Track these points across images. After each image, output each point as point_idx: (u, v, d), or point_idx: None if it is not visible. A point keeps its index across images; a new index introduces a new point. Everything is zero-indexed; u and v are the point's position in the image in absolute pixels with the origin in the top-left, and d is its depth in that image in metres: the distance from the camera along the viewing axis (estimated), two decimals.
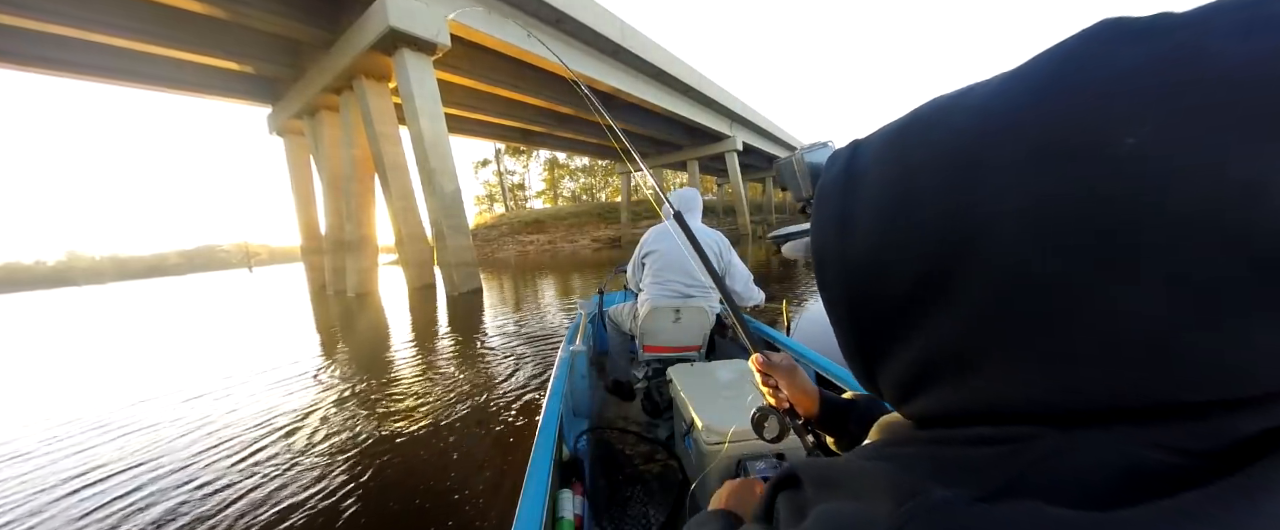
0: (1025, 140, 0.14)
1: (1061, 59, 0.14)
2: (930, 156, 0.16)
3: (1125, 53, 0.13)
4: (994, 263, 0.14)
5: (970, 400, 0.17)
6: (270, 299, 12.34)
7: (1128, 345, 0.13)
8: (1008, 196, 0.14)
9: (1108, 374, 0.13)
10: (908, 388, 0.19)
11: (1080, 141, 0.13)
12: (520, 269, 14.17)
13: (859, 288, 0.19)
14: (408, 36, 7.97)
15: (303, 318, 7.52)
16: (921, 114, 0.18)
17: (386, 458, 2.04)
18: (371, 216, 10.88)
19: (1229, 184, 0.11)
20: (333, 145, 11.12)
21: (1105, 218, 0.12)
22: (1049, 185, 0.13)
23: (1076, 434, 0.14)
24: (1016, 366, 0.15)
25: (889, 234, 0.18)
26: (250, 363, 4.32)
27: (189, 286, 30.55)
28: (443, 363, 3.69)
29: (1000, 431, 0.16)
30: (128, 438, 2.62)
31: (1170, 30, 0.13)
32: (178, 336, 6.78)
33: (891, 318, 0.18)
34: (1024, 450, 0.15)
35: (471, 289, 8.60)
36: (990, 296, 0.15)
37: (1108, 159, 0.12)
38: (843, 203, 0.20)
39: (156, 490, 1.93)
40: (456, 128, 15.52)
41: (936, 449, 0.18)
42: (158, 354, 5.41)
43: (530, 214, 32.07)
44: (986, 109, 0.15)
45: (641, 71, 13.83)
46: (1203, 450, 0.13)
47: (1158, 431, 0.14)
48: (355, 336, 5.27)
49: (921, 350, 0.17)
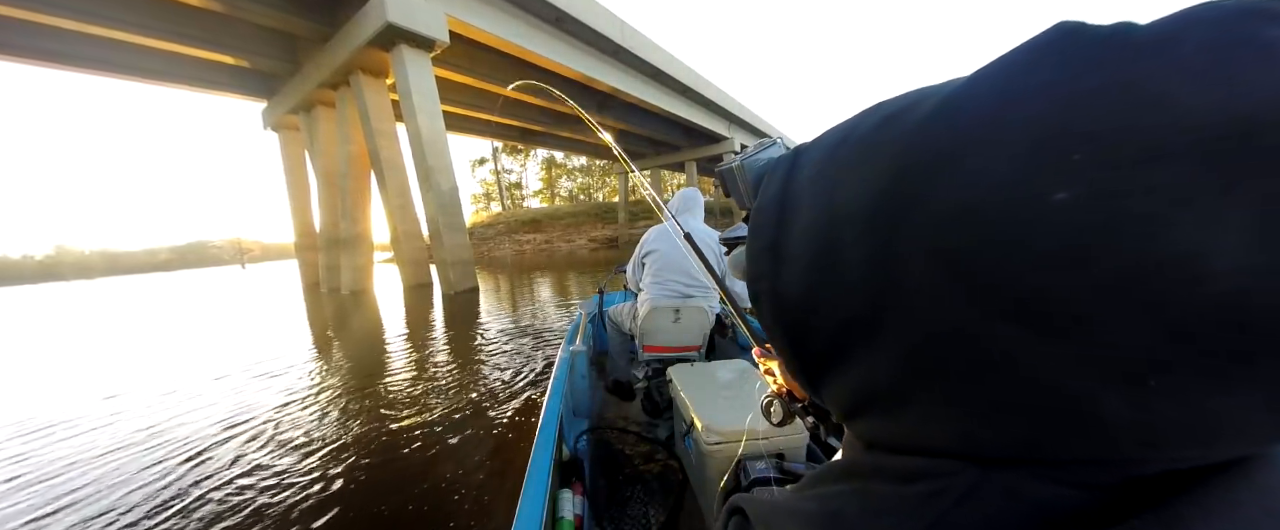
0: (949, 194, 0.13)
1: (1000, 88, 0.13)
2: (857, 200, 0.16)
3: (1065, 85, 0.12)
4: (914, 314, 0.14)
5: (901, 434, 0.17)
6: (262, 296, 12.20)
7: (1041, 404, 0.13)
8: (930, 252, 0.13)
9: (1022, 428, 0.13)
10: (849, 412, 0.19)
11: (1003, 201, 0.12)
12: (517, 268, 14.10)
13: (794, 322, 0.19)
14: (406, 33, 7.92)
15: (295, 315, 7.46)
16: (853, 135, 0.17)
17: (381, 459, 2.02)
18: (367, 213, 10.81)
19: (1160, 263, 0.10)
20: (329, 141, 11.04)
21: (1025, 285, 0.12)
22: (971, 245, 0.12)
23: (993, 473, 0.15)
24: (938, 411, 0.15)
25: (817, 275, 0.17)
26: (238, 359, 4.27)
27: (180, 282, 30.21)
28: (440, 362, 3.67)
29: (930, 465, 0.16)
30: (64, 442, 2.54)
31: (1120, 56, 0.11)
32: (166, 331, 6.69)
33: (826, 352, 0.18)
34: (948, 490, 0.15)
35: (468, 288, 8.56)
36: (912, 346, 0.15)
37: (1032, 222, 0.11)
38: (775, 234, 0.19)
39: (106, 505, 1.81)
40: (454, 126, 15.45)
41: (870, 484, 0.18)
42: (142, 349, 5.33)
43: (527, 213, 31.99)
44: (910, 148, 0.14)
45: (641, 71, 13.84)
46: (1105, 484, 0.14)
47: (1068, 471, 0.14)
48: (349, 334, 5.23)
49: (857, 382, 0.18)
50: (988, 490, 0.14)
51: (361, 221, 10.61)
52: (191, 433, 2.52)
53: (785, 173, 0.20)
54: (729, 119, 21.03)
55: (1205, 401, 0.11)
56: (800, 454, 0.98)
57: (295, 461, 2.05)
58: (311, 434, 2.35)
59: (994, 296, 0.12)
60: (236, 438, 2.39)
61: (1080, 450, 0.13)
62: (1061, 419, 0.13)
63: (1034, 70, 0.13)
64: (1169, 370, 0.11)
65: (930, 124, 0.14)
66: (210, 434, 2.47)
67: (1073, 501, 0.14)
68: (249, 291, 14.56)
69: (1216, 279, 0.10)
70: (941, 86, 0.15)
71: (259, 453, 2.18)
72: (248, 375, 3.65)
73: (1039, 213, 0.11)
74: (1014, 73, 0.13)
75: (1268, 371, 0.10)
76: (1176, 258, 0.10)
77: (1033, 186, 0.11)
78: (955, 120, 0.13)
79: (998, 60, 0.14)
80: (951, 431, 0.15)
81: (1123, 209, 0.10)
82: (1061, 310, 0.11)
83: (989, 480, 0.15)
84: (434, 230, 8.79)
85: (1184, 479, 0.13)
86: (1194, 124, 0.10)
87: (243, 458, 2.14)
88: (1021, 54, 0.13)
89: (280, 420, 2.60)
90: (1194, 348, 0.10)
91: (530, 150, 41.67)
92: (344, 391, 3.05)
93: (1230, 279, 0.10)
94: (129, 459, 2.24)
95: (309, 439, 2.29)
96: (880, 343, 0.16)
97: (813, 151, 0.20)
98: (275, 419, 2.62)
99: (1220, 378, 0.11)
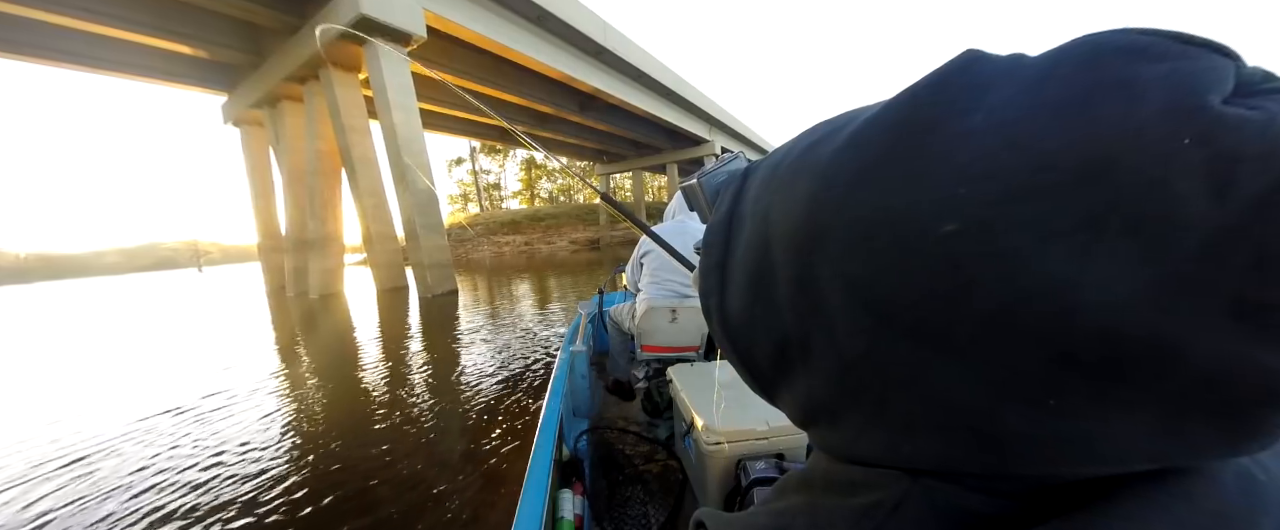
0: (852, 223, 0.14)
1: (901, 121, 0.13)
2: (783, 225, 0.16)
3: (955, 121, 0.12)
4: (834, 338, 0.15)
5: (843, 445, 0.18)
6: (220, 300, 11.54)
7: (949, 422, 0.13)
8: (840, 278, 0.14)
9: (936, 443, 0.14)
10: (800, 423, 0.20)
11: (898, 233, 0.12)
12: (497, 271, 13.87)
13: (739, 341, 0.20)
14: (381, 25, 7.65)
15: (256, 321, 7.05)
16: (789, 157, 0.18)
17: (373, 478, 1.91)
18: (338, 213, 10.38)
19: (1036, 293, 0.11)
20: (295, 137, 10.54)
21: (923, 311, 0.12)
22: (873, 273, 0.13)
23: (922, 482, 0.15)
24: (867, 426, 0.16)
25: (755, 299, 0.18)
26: (192, 373, 4.00)
27: (126, 287, 28.11)
28: (421, 369, 3.54)
29: (870, 475, 0.17)
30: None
31: (1001, 94, 0.12)
32: (95, 341, 6.20)
33: (770, 370, 0.19)
34: (883, 502, 0.16)
35: (446, 291, 8.33)
36: (836, 369, 0.15)
37: (924, 252, 0.12)
38: (722, 254, 0.20)
39: None
40: (430, 124, 15.04)
41: (818, 499, 0.18)
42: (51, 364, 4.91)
43: (506, 214, 31.42)
44: (826, 176, 0.15)
45: (623, 73, 13.86)
46: (1022, 493, 0.14)
47: (986, 481, 0.15)
48: (318, 342, 4.97)
49: (801, 397, 0.18)
50: (916, 500, 0.15)
51: (331, 222, 10.18)
52: (154, 465, 2.25)
53: (735, 192, 0.21)
54: (710, 122, 21.31)
55: (1099, 422, 0.12)
56: (800, 454, 0.98)
57: (262, 483, 1.91)
58: (287, 451, 2.22)
59: (894, 319, 0.13)
60: (193, 464, 2.17)
61: (989, 465, 0.14)
62: (969, 435, 0.13)
63: (929, 106, 0.13)
64: (1062, 392, 0.11)
65: (841, 153, 0.15)
66: (162, 464, 2.22)
67: (994, 508, 0.14)
68: (205, 296, 13.76)
69: (1088, 309, 0.10)
70: (862, 111, 0.16)
71: (220, 487, 1.99)
72: (180, 398, 3.22)
73: (927, 243, 0.12)
74: (914, 105, 0.13)
75: (1153, 393, 0.11)
76: (1049, 288, 0.10)
77: (921, 218, 0.12)
78: (860, 151, 0.14)
79: (904, 91, 0.14)
80: (881, 444, 0.16)
81: (998, 242, 0.11)
82: (959, 332, 0.12)
83: (918, 490, 0.15)
84: (410, 231, 8.51)
85: (1107, 484, 0.13)
86: (1052, 164, 0.11)
87: (200, 488, 1.96)
88: (922, 86, 0.14)
89: (250, 441, 2.42)
90: (1079, 373, 0.11)
91: (509, 150, 41.05)
92: (320, 407, 2.89)
93: (1101, 308, 0.10)
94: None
95: (278, 459, 2.16)
96: (814, 363, 0.16)
97: (760, 171, 0.20)
98: (247, 440, 2.43)
99: (1110, 400, 0.11)
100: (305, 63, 8.74)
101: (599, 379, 2.02)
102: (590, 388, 1.66)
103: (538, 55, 10.65)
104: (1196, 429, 0.11)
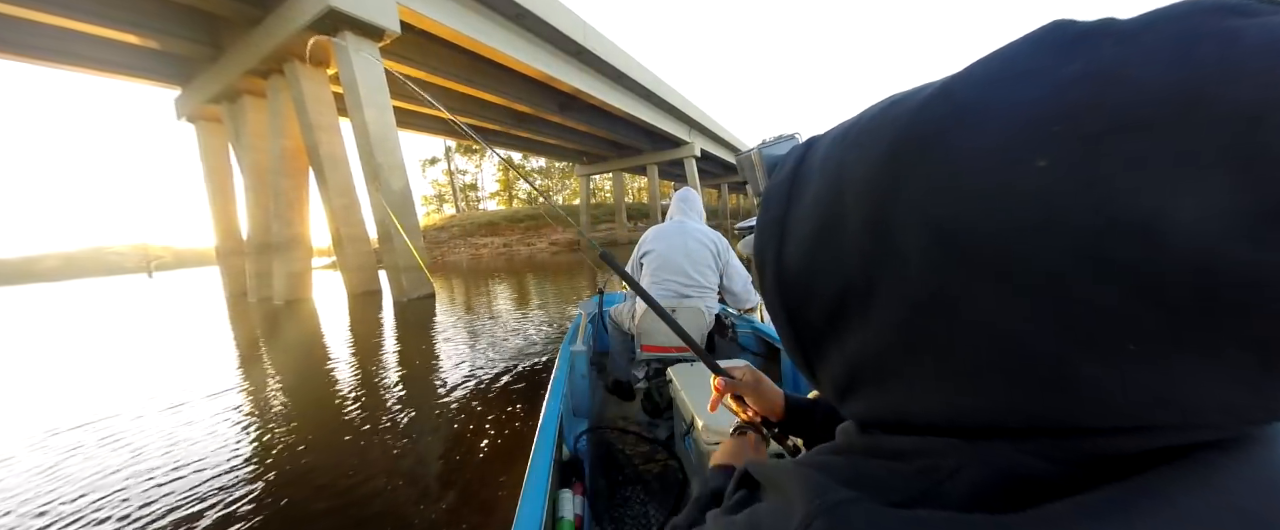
0: (941, 163, 0.14)
1: (993, 74, 0.14)
2: (860, 172, 0.17)
3: (1050, 71, 0.13)
4: (905, 281, 0.15)
5: (892, 408, 0.18)
6: (171, 307, 10.75)
7: (1019, 366, 0.13)
8: (921, 218, 0.14)
9: (1001, 391, 0.14)
10: (842, 390, 0.20)
11: (988, 169, 0.13)
12: (474, 273, 13.53)
13: (794, 294, 0.20)
14: (351, 19, 7.37)
15: (211, 330, 6.60)
16: (862, 119, 0.18)
17: (366, 500, 1.81)
18: (304, 215, 9.89)
19: (1128, 224, 0.11)
20: (258, 135, 9.98)
21: (1007, 248, 0.12)
22: (958, 211, 0.13)
23: (978, 447, 0.15)
24: (925, 380, 0.16)
25: (819, 247, 0.18)
26: (119, 386, 3.71)
27: (66, 294, 25.73)
28: (405, 376, 3.40)
29: (918, 444, 0.17)
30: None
31: (1098, 45, 0.12)
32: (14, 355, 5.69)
33: (823, 325, 0.19)
34: (942, 466, 0.15)
35: (422, 295, 8.06)
36: (901, 314, 0.15)
37: (1014, 188, 0.12)
38: (784, 209, 0.21)
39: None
40: (404, 122, 14.57)
41: (861, 461, 0.18)
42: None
43: (484, 216, 30.79)
44: (910, 124, 0.15)
45: (603, 74, 13.82)
46: (1082, 459, 0.14)
47: (1047, 444, 0.14)
48: (284, 353, 4.65)
49: (851, 355, 0.18)
50: (975, 464, 0.15)
51: (298, 223, 9.69)
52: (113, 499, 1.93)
53: (799, 156, 0.22)
54: (690, 124, 21.51)
55: (1179, 368, 0.11)
56: (799, 453, 0.99)
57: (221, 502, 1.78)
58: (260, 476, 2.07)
59: (975, 258, 0.13)
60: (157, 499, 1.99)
61: (1055, 417, 0.13)
62: (1037, 385, 0.13)
63: (1022, 59, 0.14)
64: (1144, 335, 0.11)
65: (928, 104, 0.15)
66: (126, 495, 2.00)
67: (1054, 473, 0.14)
68: (155, 302, 12.81)
69: (1182, 238, 0.10)
70: (933, 83, 0.16)
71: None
72: (163, 406, 3.07)
73: (1018, 178, 0.12)
74: (1005, 60, 0.14)
75: (1240, 339, 0.11)
76: (1140, 219, 0.10)
77: (1013, 154, 0.12)
78: (950, 99, 0.15)
79: (995, 51, 0.15)
80: (936, 402, 0.16)
81: (1091, 172, 0.11)
82: (1039, 269, 0.12)
83: (973, 455, 0.15)
84: (383, 233, 8.20)
85: (1165, 455, 0.13)
86: (1152, 98, 0.11)
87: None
88: (1014, 45, 0.14)
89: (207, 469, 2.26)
90: (1165, 310, 0.11)
91: (486, 150, 40.14)
92: (295, 426, 2.72)
93: (1192, 239, 0.10)
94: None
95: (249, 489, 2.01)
96: (873, 311, 0.16)
97: (825, 138, 0.21)
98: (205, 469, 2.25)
99: (1192, 345, 0.11)
100: (268, 56, 8.30)
101: (599, 379, 2.01)
102: (590, 388, 1.64)
103: (517, 54, 10.48)
104: (1278, 384, 0.11)
